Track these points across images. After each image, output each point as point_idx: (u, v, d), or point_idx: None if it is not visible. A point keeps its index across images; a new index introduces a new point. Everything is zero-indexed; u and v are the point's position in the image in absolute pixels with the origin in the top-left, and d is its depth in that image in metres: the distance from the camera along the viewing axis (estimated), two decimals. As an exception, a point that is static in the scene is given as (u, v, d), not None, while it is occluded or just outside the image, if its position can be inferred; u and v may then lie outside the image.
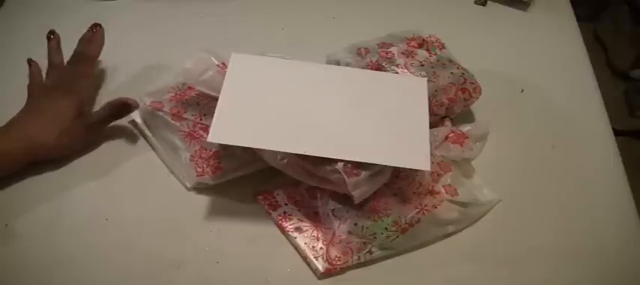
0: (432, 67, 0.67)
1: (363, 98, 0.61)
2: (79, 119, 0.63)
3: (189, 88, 0.66)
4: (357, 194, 0.56)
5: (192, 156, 0.62)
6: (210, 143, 0.59)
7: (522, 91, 0.76)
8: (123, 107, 0.64)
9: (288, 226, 0.59)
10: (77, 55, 0.68)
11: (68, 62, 0.69)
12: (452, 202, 0.59)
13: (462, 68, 0.68)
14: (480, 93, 0.68)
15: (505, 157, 0.68)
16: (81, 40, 0.69)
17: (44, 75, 0.69)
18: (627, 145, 1.50)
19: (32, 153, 0.61)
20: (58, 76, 0.67)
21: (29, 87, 0.67)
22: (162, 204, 0.61)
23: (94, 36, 0.69)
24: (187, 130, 0.63)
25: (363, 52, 0.68)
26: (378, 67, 0.66)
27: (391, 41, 0.70)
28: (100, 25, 0.70)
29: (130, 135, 0.67)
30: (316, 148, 0.55)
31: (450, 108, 0.66)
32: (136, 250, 0.57)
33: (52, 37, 0.70)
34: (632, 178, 0.66)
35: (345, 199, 0.58)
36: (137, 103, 0.64)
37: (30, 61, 0.70)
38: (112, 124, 0.67)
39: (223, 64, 0.64)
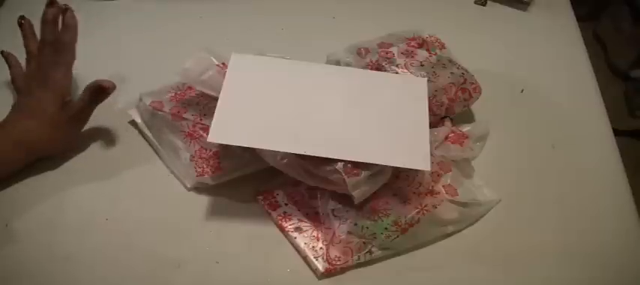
0: (432, 67, 0.67)
1: (363, 98, 0.61)
2: (63, 111, 0.62)
3: (189, 88, 0.66)
4: (357, 194, 0.56)
5: (192, 156, 0.62)
6: (210, 143, 0.59)
7: (522, 91, 0.76)
8: (100, 90, 0.61)
9: (288, 226, 0.59)
10: (53, 44, 0.63)
11: (43, 51, 0.63)
12: (452, 202, 0.59)
13: (462, 68, 0.68)
14: (480, 93, 0.68)
15: (505, 157, 0.68)
16: (50, 25, 0.63)
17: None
18: (627, 145, 1.50)
19: (29, 151, 0.60)
20: (36, 65, 0.64)
21: (13, 81, 0.67)
22: (162, 204, 0.61)
23: (69, 21, 0.64)
24: (187, 130, 0.63)
25: (363, 52, 0.68)
26: (378, 67, 0.66)
27: (391, 41, 0.70)
28: (67, 7, 0.64)
29: (130, 135, 0.67)
30: (316, 148, 0.55)
31: (450, 108, 0.66)
32: (136, 250, 0.57)
33: (23, 22, 0.67)
34: (632, 178, 0.66)
35: (345, 199, 0.58)
36: (113, 85, 0.62)
37: (5, 54, 0.68)
38: (112, 124, 0.68)
39: (223, 64, 0.64)
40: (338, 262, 0.55)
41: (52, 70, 0.62)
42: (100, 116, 0.69)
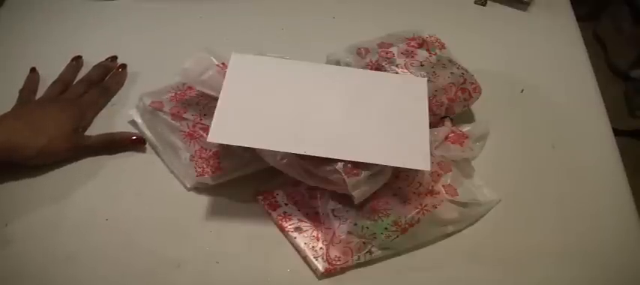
0: (432, 67, 0.67)
1: (363, 98, 0.61)
2: (72, 136, 0.63)
3: (189, 88, 0.66)
4: (357, 194, 0.56)
5: (192, 156, 0.62)
6: (210, 143, 0.59)
7: (522, 91, 0.76)
8: (125, 145, 0.65)
9: (288, 226, 0.59)
10: (99, 86, 0.70)
11: (85, 85, 0.69)
12: (452, 202, 0.59)
13: (462, 68, 0.68)
14: (480, 93, 0.68)
15: (505, 157, 0.68)
16: (101, 69, 0.72)
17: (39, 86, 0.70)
18: (627, 145, 1.50)
19: (8, 150, 0.59)
20: (62, 90, 0.69)
21: (21, 90, 0.68)
22: (162, 204, 0.61)
23: (121, 72, 0.73)
24: (187, 130, 0.63)
25: (363, 52, 0.68)
26: (378, 67, 0.66)
27: (391, 41, 0.70)
28: (124, 66, 0.73)
29: (130, 135, 0.67)
30: (316, 148, 0.55)
31: (450, 108, 0.66)
32: (135, 249, 0.57)
33: (75, 63, 0.73)
34: (632, 178, 0.66)
35: (345, 199, 0.58)
36: (143, 142, 0.65)
37: (32, 69, 0.71)
38: (112, 124, 0.68)
39: (223, 64, 0.64)
40: (338, 262, 0.56)
41: (89, 105, 0.68)
42: (100, 116, 0.69)
